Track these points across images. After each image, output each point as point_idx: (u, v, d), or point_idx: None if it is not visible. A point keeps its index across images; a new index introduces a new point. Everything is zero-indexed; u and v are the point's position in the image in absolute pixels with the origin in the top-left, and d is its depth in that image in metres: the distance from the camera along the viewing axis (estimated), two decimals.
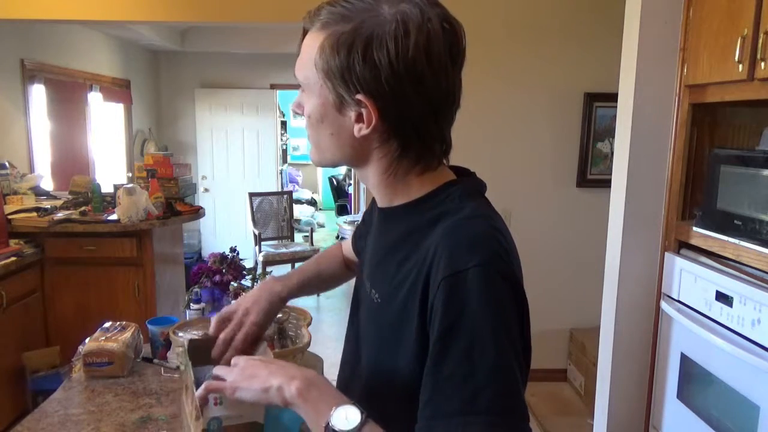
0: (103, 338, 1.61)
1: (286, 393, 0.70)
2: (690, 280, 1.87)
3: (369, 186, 0.85)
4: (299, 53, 0.79)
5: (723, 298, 1.69)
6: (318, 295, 5.41)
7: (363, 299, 0.90)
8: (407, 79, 0.71)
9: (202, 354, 0.93)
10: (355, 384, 0.89)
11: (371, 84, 0.71)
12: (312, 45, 0.75)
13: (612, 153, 2.98)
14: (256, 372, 0.74)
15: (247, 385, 0.73)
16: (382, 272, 0.83)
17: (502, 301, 0.68)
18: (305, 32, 0.78)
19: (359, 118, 0.75)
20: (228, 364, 0.80)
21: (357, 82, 0.72)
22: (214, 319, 1.02)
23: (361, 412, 0.67)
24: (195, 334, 1.46)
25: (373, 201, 0.92)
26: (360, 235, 1.11)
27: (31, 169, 3.95)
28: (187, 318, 1.72)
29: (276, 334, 1.47)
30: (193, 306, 1.76)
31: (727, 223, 1.71)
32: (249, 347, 0.98)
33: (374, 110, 0.73)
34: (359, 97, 0.73)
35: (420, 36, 0.70)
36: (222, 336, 0.98)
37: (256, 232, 5.43)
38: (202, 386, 0.75)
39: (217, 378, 0.76)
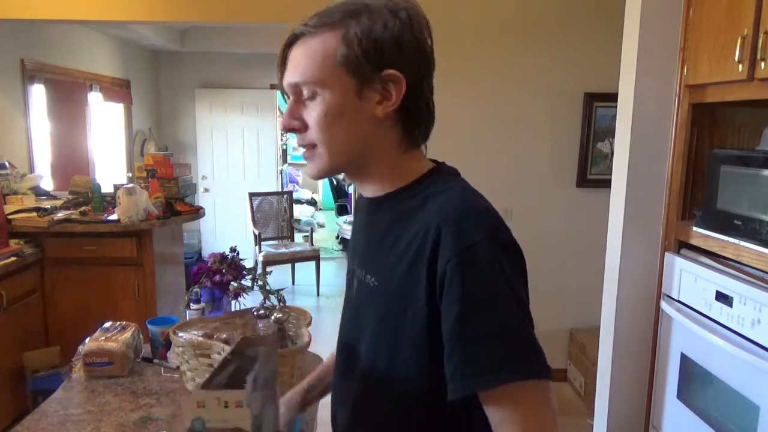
0: (103, 338, 1.61)
1: None
2: (690, 280, 1.87)
3: (365, 177, 0.88)
4: (285, 65, 0.83)
5: (723, 298, 1.69)
6: (318, 295, 5.42)
7: (356, 289, 0.92)
8: (419, 52, 0.81)
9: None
10: (353, 371, 0.91)
11: (398, 58, 0.79)
12: (322, 45, 0.79)
13: (612, 153, 2.98)
14: None
15: None
16: (376, 257, 0.87)
17: (510, 266, 0.76)
18: (292, 42, 0.82)
19: (382, 99, 0.80)
20: None
21: (385, 60, 0.78)
22: None
23: None
24: (195, 334, 1.46)
25: (359, 198, 0.95)
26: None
27: (31, 169, 3.95)
28: (187, 318, 1.72)
29: (276, 334, 1.47)
30: (193, 306, 1.76)
31: (727, 223, 1.71)
32: None
33: (404, 82, 0.79)
34: (389, 72, 0.79)
35: (416, 18, 0.81)
36: None
37: (256, 232, 5.43)
38: None
39: None
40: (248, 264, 1.86)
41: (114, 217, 3.15)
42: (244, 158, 6.53)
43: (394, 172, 0.86)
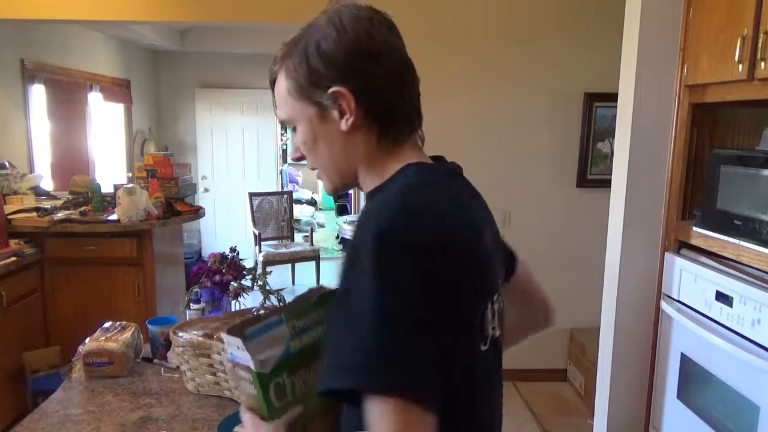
0: (103, 338, 1.61)
1: None
2: (690, 280, 1.87)
3: (362, 182, 0.88)
4: (276, 104, 0.88)
5: (723, 298, 1.69)
6: None
7: None
8: (360, 57, 0.80)
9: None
10: None
11: (335, 73, 0.79)
12: (281, 84, 0.85)
13: (612, 153, 2.98)
14: None
15: None
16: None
17: (396, 272, 0.68)
18: (273, 86, 0.88)
19: (342, 114, 0.81)
20: None
21: (325, 79, 0.80)
22: None
23: None
24: (195, 334, 1.46)
25: None
26: None
27: (31, 169, 3.95)
28: (187, 318, 1.72)
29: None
30: (193, 306, 1.76)
31: (727, 223, 1.71)
32: None
33: (348, 94, 0.80)
34: (332, 89, 0.80)
35: (354, 21, 0.80)
36: None
37: (256, 232, 5.43)
38: None
39: None
40: (248, 264, 1.86)
41: (114, 217, 3.15)
42: (244, 158, 6.53)
43: (376, 172, 0.86)
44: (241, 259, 1.83)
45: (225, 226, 6.49)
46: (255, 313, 1.58)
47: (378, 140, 0.83)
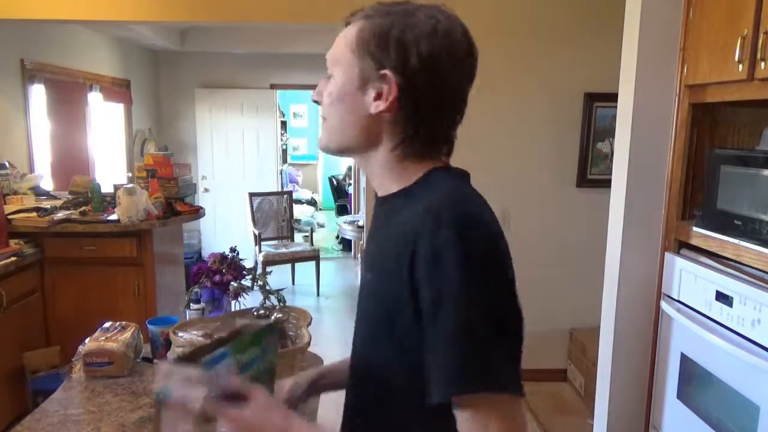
0: (103, 338, 1.61)
1: None
2: (690, 280, 1.87)
3: (370, 173, 0.90)
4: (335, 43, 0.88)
5: (723, 298, 1.69)
6: (318, 295, 5.42)
7: (360, 286, 0.95)
8: (428, 69, 0.80)
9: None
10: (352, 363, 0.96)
11: (398, 63, 0.80)
12: (351, 30, 0.84)
13: (612, 153, 2.98)
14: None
15: None
16: (372, 254, 0.92)
17: (476, 271, 0.73)
18: (345, 26, 0.87)
19: (378, 97, 0.82)
20: None
21: (386, 59, 0.80)
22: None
23: None
24: (195, 334, 1.46)
25: (375, 197, 0.96)
26: None
27: (31, 169, 3.95)
28: (187, 318, 1.72)
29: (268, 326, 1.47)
30: (193, 306, 1.76)
31: (727, 223, 1.71)
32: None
33: (395, 87, 0.80)
34: (385, 72, 0.80)
35: (446, 38, 0.81)
36: None
37: (256, 232, 5.43)
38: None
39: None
40: (248, 264, 1.86)
41: (114, 217, 3.15)
42: (244, 158, 6.53)
43: (395, 174, 0.87)
44: (241, 259, 1.83)
45: (225, 226, 6.48)
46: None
47: (396, 144, 0.84)
